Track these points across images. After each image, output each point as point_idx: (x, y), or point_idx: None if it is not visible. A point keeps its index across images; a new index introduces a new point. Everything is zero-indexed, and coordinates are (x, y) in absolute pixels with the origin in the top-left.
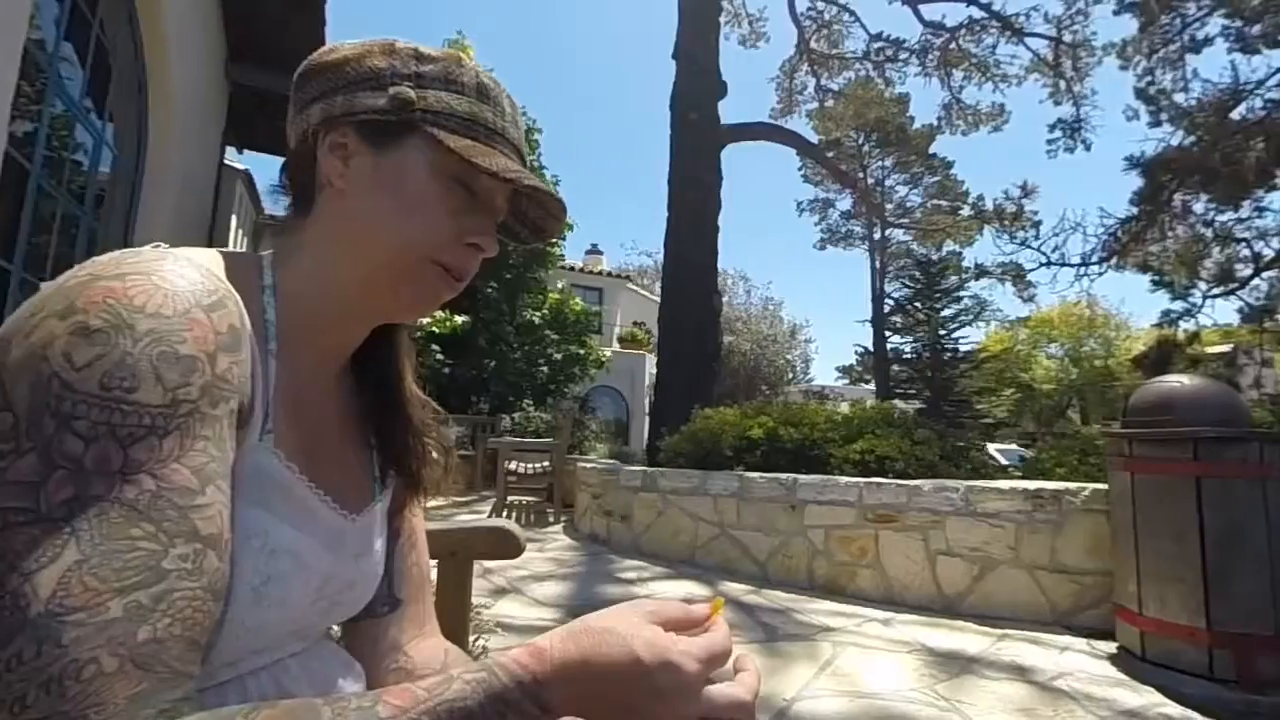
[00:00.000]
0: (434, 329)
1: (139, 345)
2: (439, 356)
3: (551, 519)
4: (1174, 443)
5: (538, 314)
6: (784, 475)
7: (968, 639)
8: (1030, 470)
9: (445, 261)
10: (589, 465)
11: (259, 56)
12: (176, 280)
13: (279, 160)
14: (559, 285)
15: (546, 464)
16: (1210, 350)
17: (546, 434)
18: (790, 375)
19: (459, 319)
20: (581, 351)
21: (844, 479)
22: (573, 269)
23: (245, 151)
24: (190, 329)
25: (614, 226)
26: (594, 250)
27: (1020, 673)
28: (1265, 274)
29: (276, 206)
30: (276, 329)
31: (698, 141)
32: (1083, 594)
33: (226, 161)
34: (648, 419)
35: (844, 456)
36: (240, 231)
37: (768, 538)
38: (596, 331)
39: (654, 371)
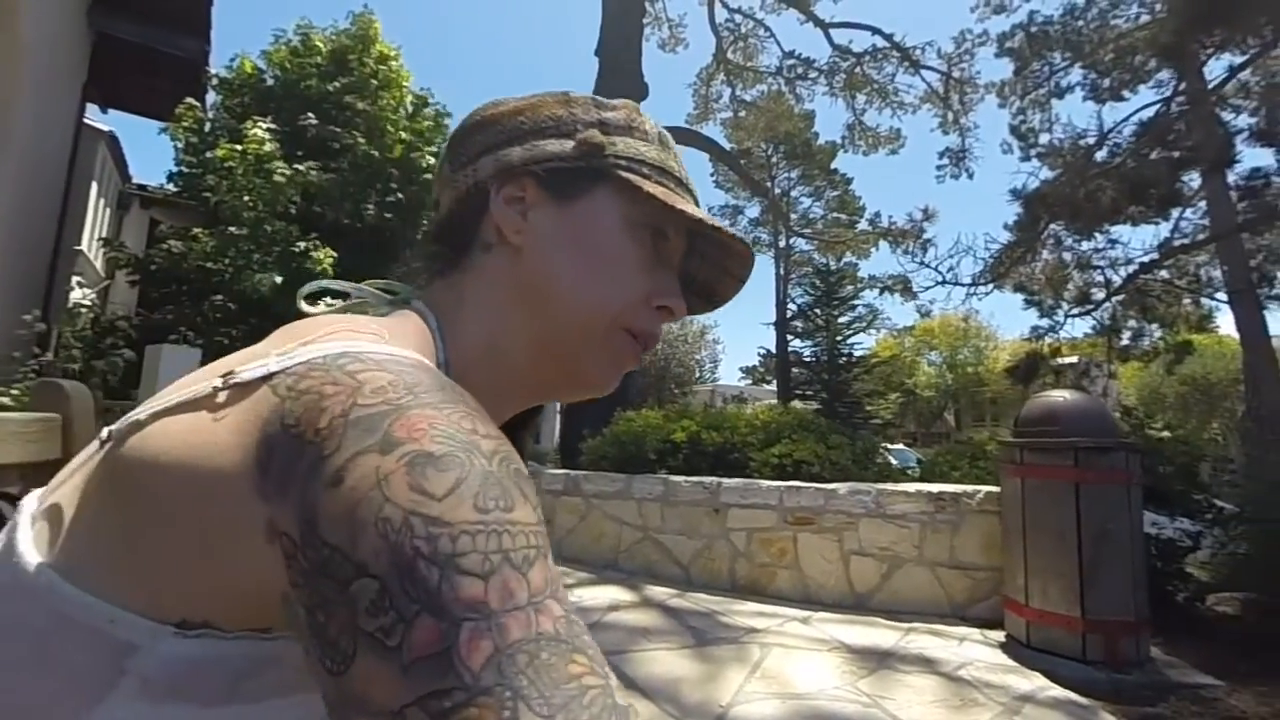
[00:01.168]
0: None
1: (494, 462)
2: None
3: None
4: (1058, 451)
5: None
6: (708, 479)
7: (879, 634)
8: (928, 473)
9: (635, 328)
10: None
11: (127, 4)
12: (474, 403)
13: (151, 123)
14: None
15: None
16: (1062, 362)
17: None
18: (698, 374)
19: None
20: None
21: (765, 483)
22: None
23: (110, 111)
24: (511, 449)
25: None
26: None
27: (929, 665)
28: (1115, 298)
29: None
30: None
31: None
32: (976, 588)
33: (87, 120)
34: (558, 416)
35: (763, 460)
36: (102, 201)
37: (691, 541)
38: None
39: None
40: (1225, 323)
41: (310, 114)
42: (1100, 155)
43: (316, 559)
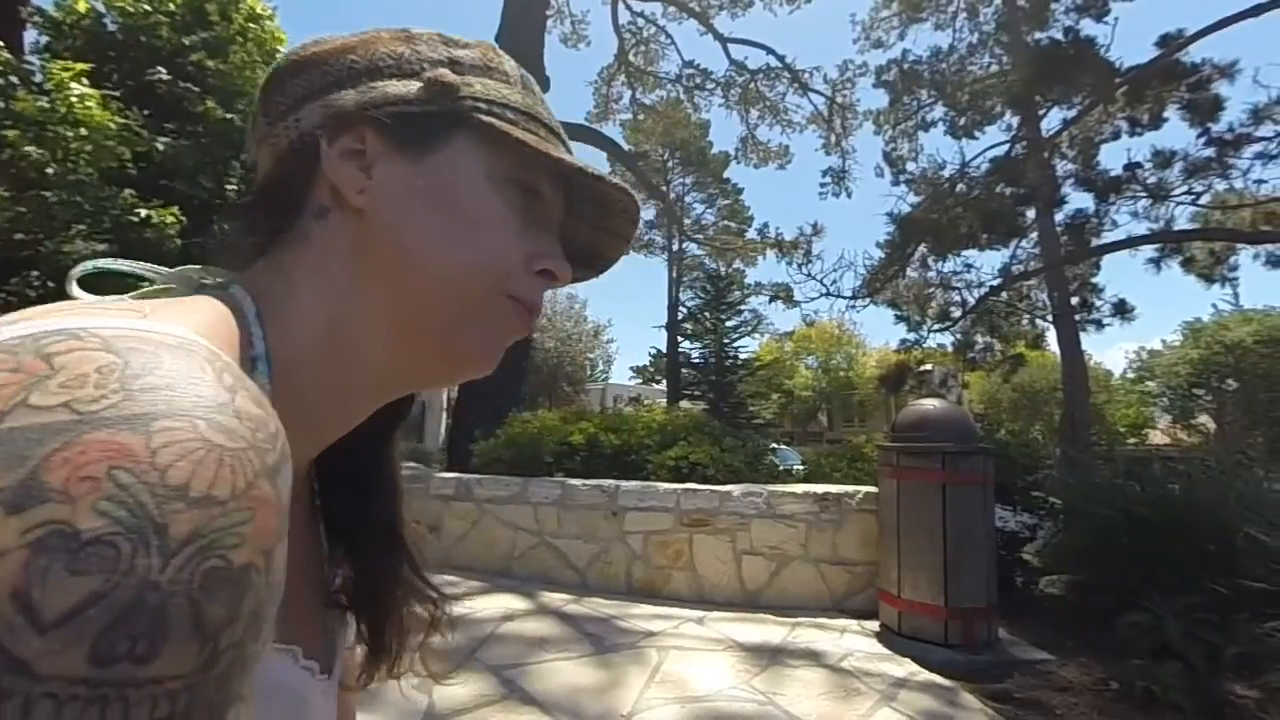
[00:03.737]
0: None
1: (172, 567)
2: None
3: None
4: (928, 455)
5: None
6: (606, 482)
7: (769, 630)
8: (813, 474)
9: (517, 293)
10: None
11: None
12: (232, 424)
13: None
14: None
15: None
16: (922, 370)
17: None
18: (591, 374)
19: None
20: None
21: (663, 486)
22: None
23: None
24: (252, 518)
25: None
26: None
27: (815, 658)
28: (968, 316)
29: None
30: None
31: None
32: (854, 582)
33: None
34: (445, 414)
35: (660, 462)
36: None
37: (588, 545)
38: None
39: None
40: (1053, 340)
41: (161, 69)
42: (960, 187)
43: None
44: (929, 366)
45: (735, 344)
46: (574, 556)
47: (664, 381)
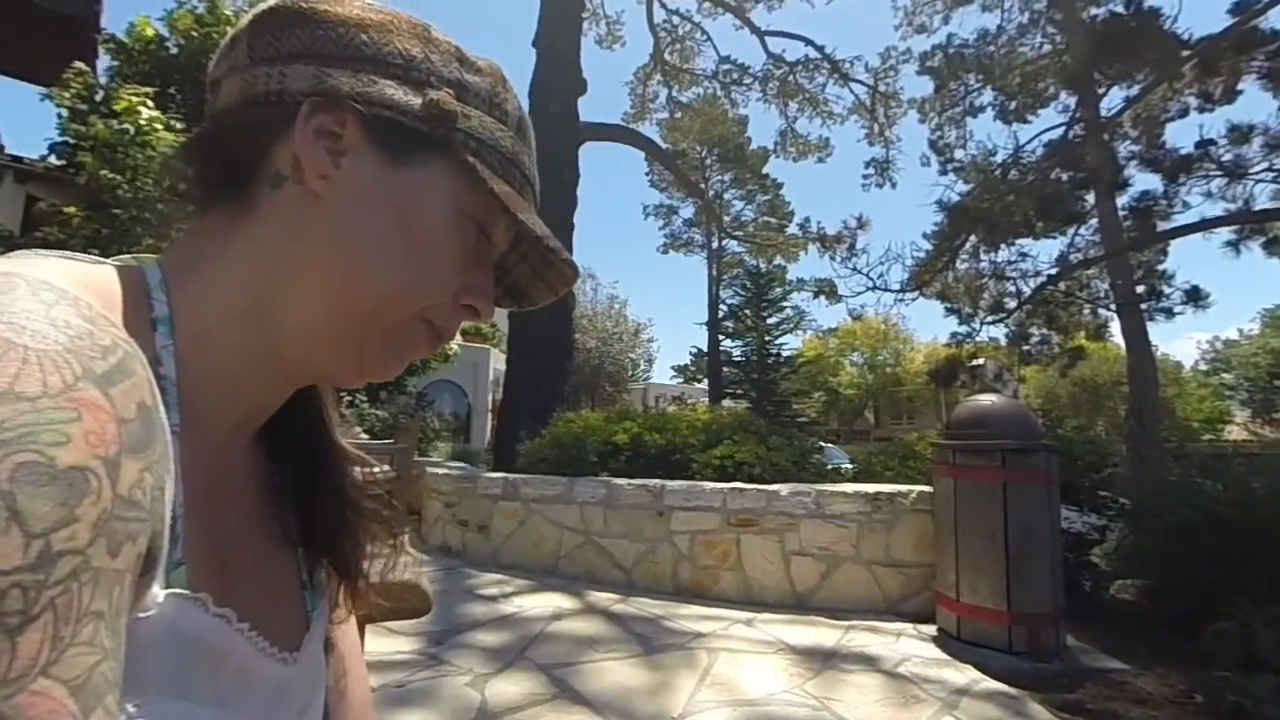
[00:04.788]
0: None
1: None
2: None
3: None
4: (987, 453)
5: None
6: (652, 482)
7: (821, 633)
8: (863, 473)
9: (436, 320)
10: (441, 472)
11: None
12: (43, 329)
13: (29, 87)
14: None
15: (389, 468)
16: (974, 364)
17: (383, 434)
18: (632, 373)
19: None
20: None
21: (709, 485)
22: None
23: None
24: (77, 418)
25: None
26: None
27: (870, 663)
28: (1024, 307)
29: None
30: (179, 392)
31: (558, 136)
32: (909, 584)
33: None
34: (490, 416)
35: (705, 462)
36: None
37: (634, 544)
38: None
39: (499, 367)
40: (1116, 331)
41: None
42: (1013, 173)
43: None
44: (981, 361)
45: (777, 341)
46: (620, 556)
47: (705, 380)
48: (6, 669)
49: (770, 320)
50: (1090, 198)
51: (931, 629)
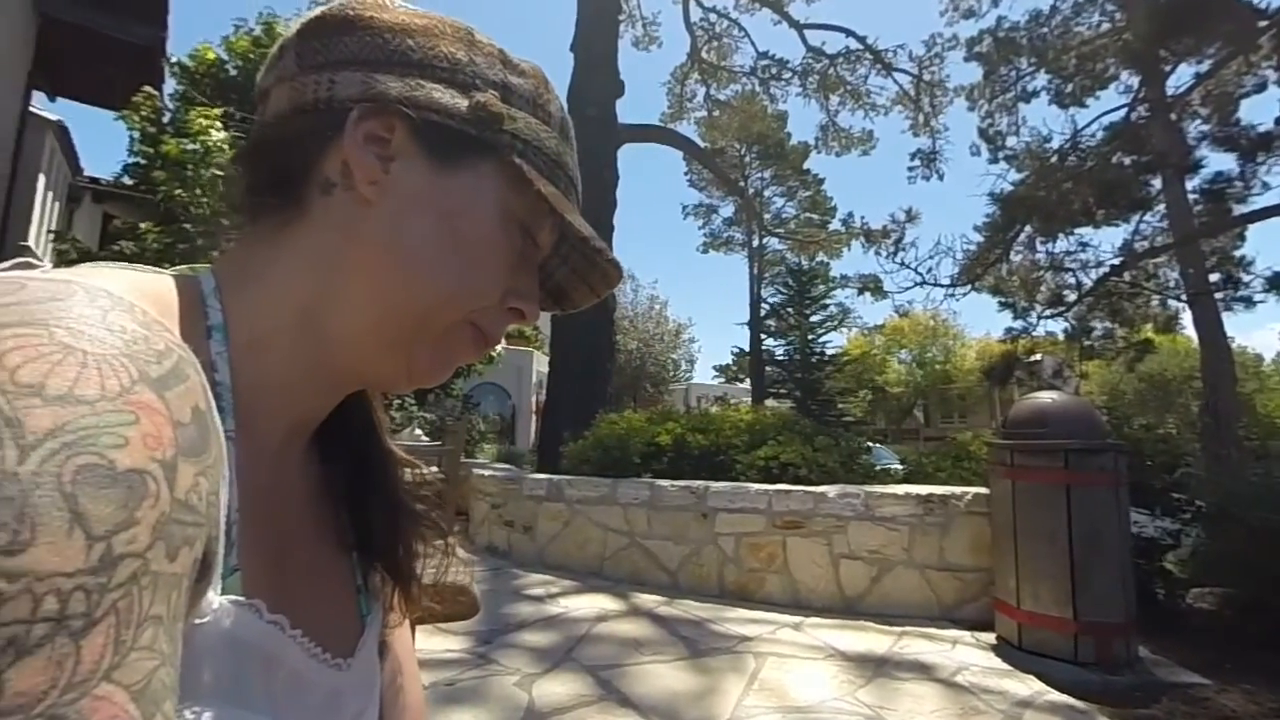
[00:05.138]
0: None
1: (34, 459)
2: None
3: None
4: (1048, 453)
5: None
6: (695, 483)
7: (872, 639)
8: (914, 474)
9: (483, 324)
10: (487, 473)
11: None
12: (100, 333)
13: (103, 113)
14: None
15: (437, 469)
16: (1031, 360)
17: (432, 435)
18: (673, 374)
19: None
20: None
21: (754, 487)
22: None
23: (58, 99)
24: (135, 421)
25: None
26: None
27: (925, 671)
28: (1086, 299)
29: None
30: (234, 398)
31: (596, 139)
32: (965, 590)
33: (33, 109)
34: (534, 417)
35: (749, 463)
36: (50, 195)
37: (679, 546)
38: None
39: (542, 370)
40: (1188, 322)
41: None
42: (1070, 159)
43: None
44: (1039, 356)
45: (821, 339)
46: (665, 558)
47: (748, 380)
48: (71, 673)
49: (813, 318)
50: (1156, 182)
51: (990, 637)
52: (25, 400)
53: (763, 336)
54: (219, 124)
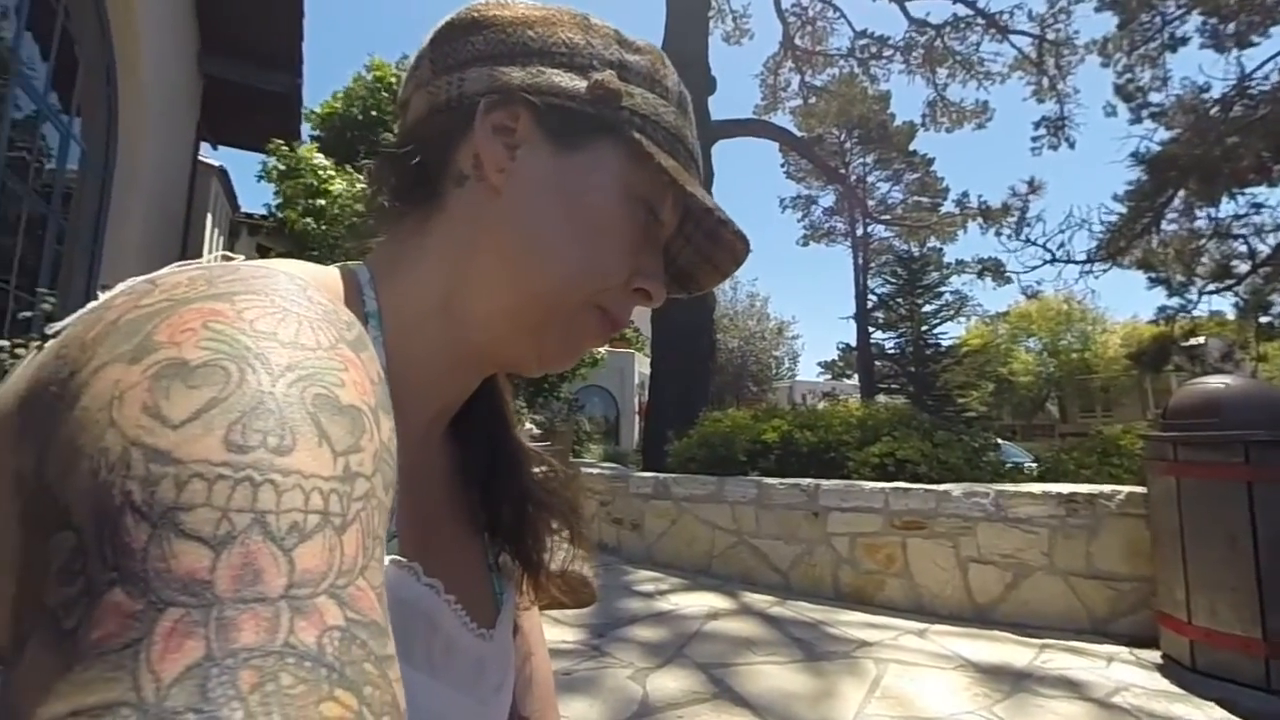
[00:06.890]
0: None
1: (283, 381)
2: None
3: None
4: (1223, 446)
5: None
6: (805, 481)
7: (1009, 650)
8: (1050, 471)
9: (609, 307)
10: (595, 471)
11: (231, 49)
12: (306, 305)
13: (255, 156)
14: None
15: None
16: (1193, 344)
17: (540, 437)
18: (776, 372)
19: None
20: None
21: (868, 485)
22: None
23: (219, 147)
24: (345, 368)
25: None
26: None
27: (1074, 688)
28: (1263, 269)
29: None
30: (387, 378)
31: None
32: (1120, 600)
33: (200, 157)
34: (636, 418)
35: (862, 460)
36: (215, 230)
37: (789, 546)
38: None
39: (643, 371)
40: None
41: (388, 133)
42: (1236, 109)
43: (32, 505)
44: (1201, 339)
45: (935, 330)
46: (775, 558)
47: (855, 376)
48: (340, 561)
49: (926, 308)
50: None
51: (1153, 654)
52: (266, 342)
53: (871, 329)
54: (332, 170)
